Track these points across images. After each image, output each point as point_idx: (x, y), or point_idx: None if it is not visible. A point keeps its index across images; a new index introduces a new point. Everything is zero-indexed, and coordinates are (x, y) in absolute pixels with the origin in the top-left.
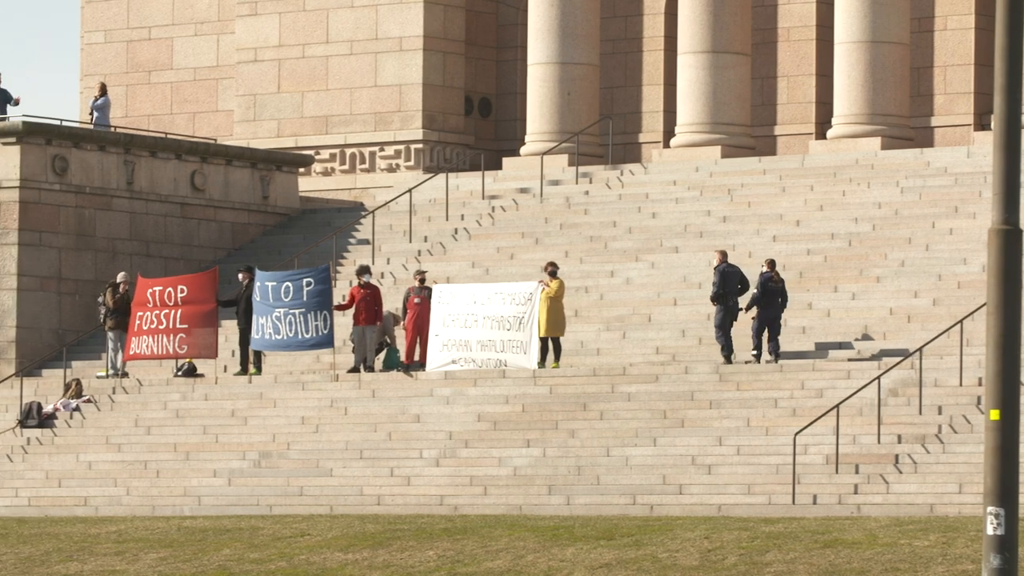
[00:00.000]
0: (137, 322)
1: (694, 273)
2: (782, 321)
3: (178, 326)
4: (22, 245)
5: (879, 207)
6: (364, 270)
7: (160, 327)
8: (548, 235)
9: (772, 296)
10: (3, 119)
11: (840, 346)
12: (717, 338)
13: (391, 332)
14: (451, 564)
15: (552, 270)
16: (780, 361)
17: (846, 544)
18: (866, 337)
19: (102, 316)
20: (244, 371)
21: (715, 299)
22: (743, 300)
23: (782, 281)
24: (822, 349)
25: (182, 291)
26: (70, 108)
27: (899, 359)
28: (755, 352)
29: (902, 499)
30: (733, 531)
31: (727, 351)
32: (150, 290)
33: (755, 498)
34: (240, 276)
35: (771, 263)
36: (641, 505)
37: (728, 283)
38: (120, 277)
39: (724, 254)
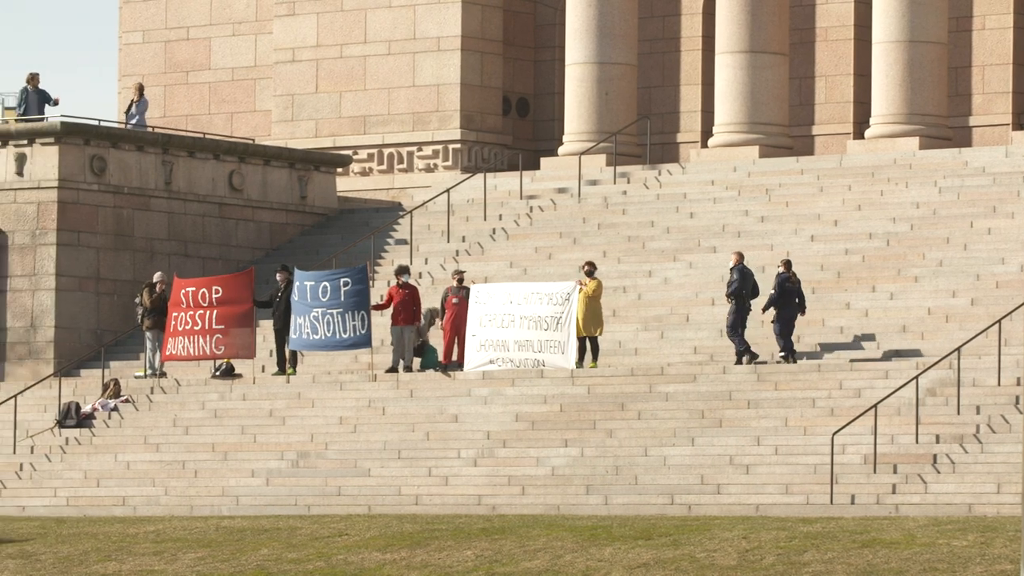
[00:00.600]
0: (172, 323)
1: None
2: (807, 321)
3: (214, 327)
4: (60, 245)
5: (917, 207)
6: (403, 270)
7: (196, 328)
8: (586, 235)
9: (789, 296)
10: (42, 119)
11: (878, 346)
12: (731, 338)
13: (425, 332)
14: (489, 564)
15: (589, 269)
16: (818, 361)
17: (884, 544)
18: (904, 337)
19: (139, 316)
20: (281, 371)
21: (733, 296)
22: (756, 303)
23: (799, 281)
24: (860, 349)
25: (217, 292)
26: (108, 108)
27: (937, 359)
28: (783, 353)
29: (940, 499)
30: (771, 531)
31: (742, 350)
32: (184, 291)
33: (793, 498)
34: (278, 276)
35: (787, 263)
36: (679, 505)
37: (747, 282)
38: (156, 277)
39: (740, 255)
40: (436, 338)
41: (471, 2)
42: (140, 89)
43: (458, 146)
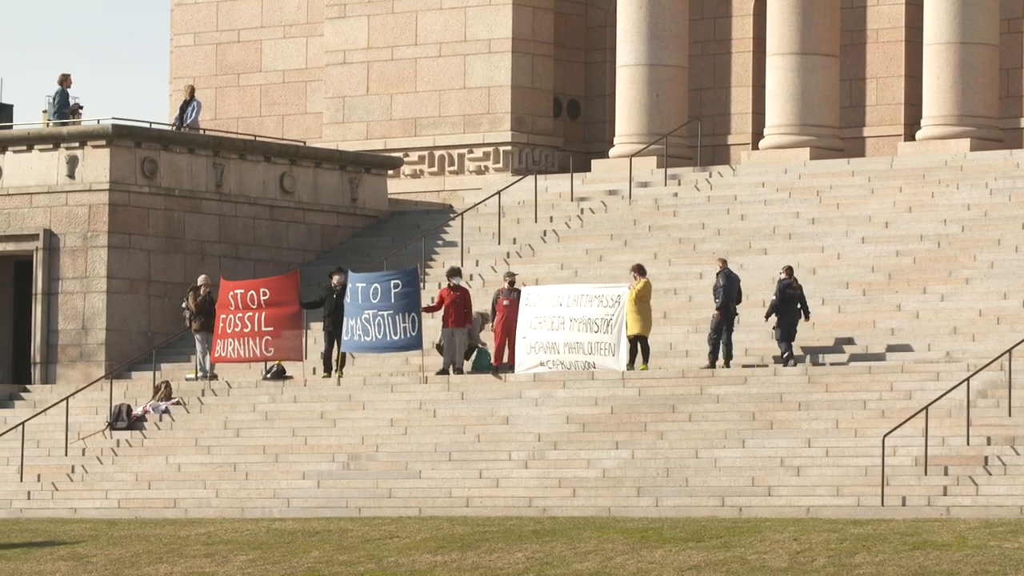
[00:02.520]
0: (221, 325)
1: None
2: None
3: (263, 328)
4: (112, 248)
5: (968, 208)
6: (454, 272)
7: (245, 330)
8: (637, 237)
9: (791, 302)
10: (70, 123)
11: (928, 347)
12: (709, 341)
13: (477, 335)
14: (540, 566)
15: (639, 271)
16: (869, 363)
17: (935, 546)
18: (955, 339)
19: (187, 319)
20: (329, 373)
21: (722, 304)
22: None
23: (800, 287)
24: (911, 351)
25: (264, 294)
26: (159, 111)
27: (988, 361)
28: (786, 355)
29: (991, 501)
30: (822, 533)
31: (713, 356)
32: (232, 293)
33: (844, 500)
34: (333, 279)
35: (789, 270)
36: (730, 507)
37: (732, 288)
38: (201, 280)
39: (724, 262)
40: (485, 340)
41: (522, 4)
42: (191, 91)
43: (509, 148)
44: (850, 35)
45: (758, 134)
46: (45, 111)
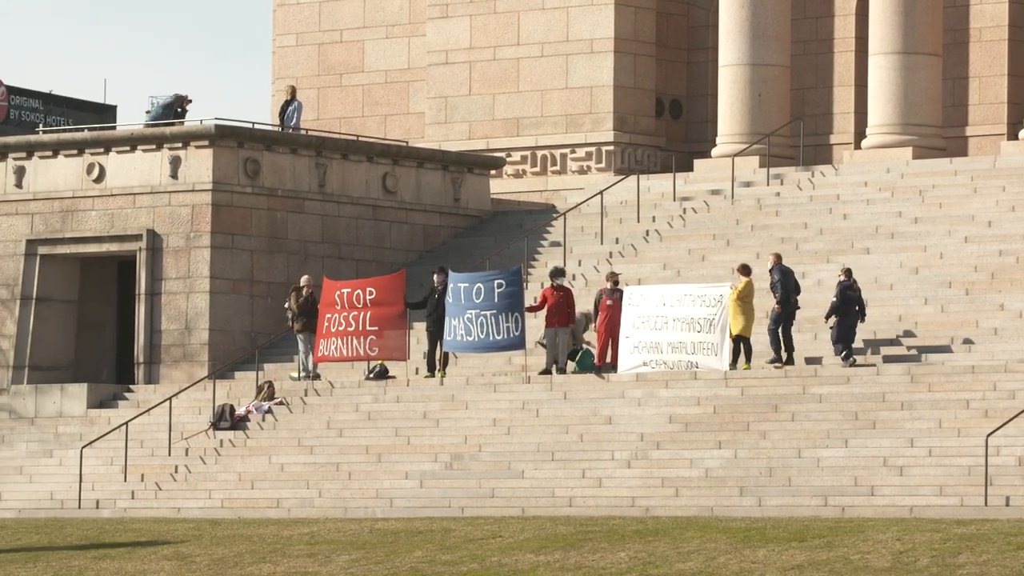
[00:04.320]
0: (325, 324)
1: (886, 274)
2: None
3: (368, 328)
4: (214, 248)
5: None
6: (558, 272)
7: (350, 329)
8: (739, 237)
9: (850, 304)
10: (173, 123)
11: None
12: (770, 333)
13: (580, 335)
14: (643, 566)
15: (744, 270)
16: (972, 362)
17: None
18: None
19: (289, 320)
20: (432, 373)
21: (782, 302)
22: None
23: (859, 289)
24: (1014, 350)
25: (371, 293)
26: (262, 111)
27: None
28: (843, 355)
29: None
30: (925, 533)
31: (778, 351)
32: (338, 292)
33: (947, 499)
34: (436, 278)
35: (848, 271)
36: (832, 506)
37: (789, 282)
38: (303, 280)
39: (778, 256)
40: (588, 340)
41: (624, 4)
42: (293, 92)
43: (611, 148)
44: (953, 34)
45: (860, 134)
46: (148, 112)
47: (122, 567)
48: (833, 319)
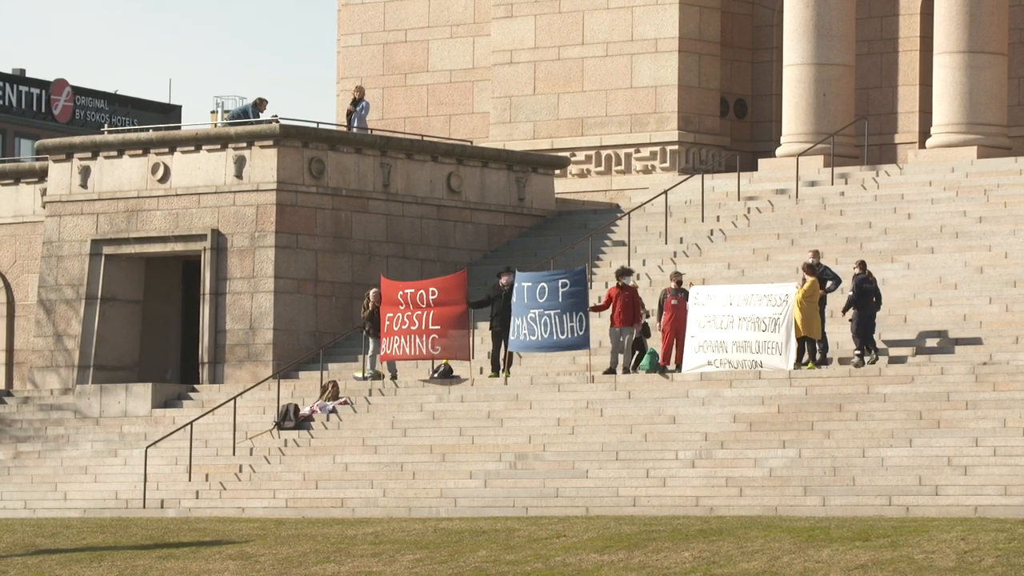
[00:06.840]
0: (387, 323)
1: (950, 274)
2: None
3: (431, 327)
4: (279, 248)
5: None
6: (625, 272)
7: (413, 328)
8: (804, 236)
9: (867, 296)
10: (238, 123)
11: None
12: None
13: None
14: (707, 565)
15: (809, 270)
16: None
17: None
18: None
19: (364, 322)
20: (496, 372)
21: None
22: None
23: (875, 281)
24: None
25: (433, 293)
26: (326, 111)
27: None
28: (859, 352)
29: None
30: (990, 532)
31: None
32: (402, 292)
33: (1012, 499)
34: (502, 279)
35: (862, 264)
36: (897, 506)
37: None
38: (372, 293)
39: (817, 252)
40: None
41: (689, 3)
42: (361, 92)
43: (676, 147)
44: (1018, 33)
45: (925, 133)
46: (213, 111)
47: (186, 567)
48: (851, 312)
